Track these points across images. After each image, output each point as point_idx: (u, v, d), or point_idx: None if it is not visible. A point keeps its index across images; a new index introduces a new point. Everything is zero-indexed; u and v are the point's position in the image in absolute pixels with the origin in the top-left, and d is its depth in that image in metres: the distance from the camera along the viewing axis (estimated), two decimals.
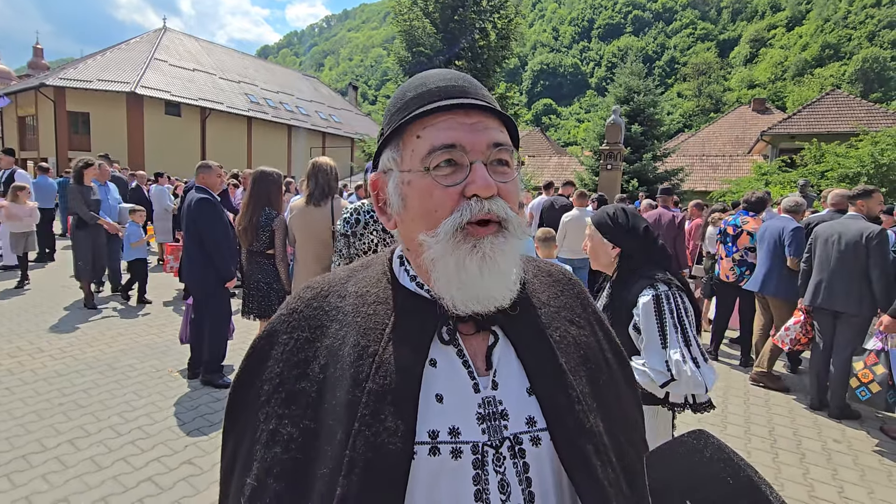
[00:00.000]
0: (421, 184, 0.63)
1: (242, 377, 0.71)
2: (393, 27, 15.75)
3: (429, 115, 0.63)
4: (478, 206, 0.61)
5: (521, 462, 0.62)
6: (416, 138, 0.64)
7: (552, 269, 0.82)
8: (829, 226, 4.05)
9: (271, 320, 0.72)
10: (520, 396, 0.65)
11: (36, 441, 3.01)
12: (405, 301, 0.68)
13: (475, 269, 0.60)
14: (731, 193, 13.94)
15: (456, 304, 0.63)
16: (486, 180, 0.61)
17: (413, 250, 0.68)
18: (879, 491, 3.01)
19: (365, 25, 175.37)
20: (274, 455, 0.62)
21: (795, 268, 4.38)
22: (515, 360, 0.66)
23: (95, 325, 5.25)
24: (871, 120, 17.36)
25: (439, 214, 0.62)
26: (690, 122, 67.01)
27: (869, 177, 9.92)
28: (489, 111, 0.64)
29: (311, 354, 0.66)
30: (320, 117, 33.41)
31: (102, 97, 22.28)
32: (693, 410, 1.61)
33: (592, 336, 0.75)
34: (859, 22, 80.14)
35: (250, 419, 0.67)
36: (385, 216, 0.71)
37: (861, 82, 65.07)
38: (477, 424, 0.62)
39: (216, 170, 3.99)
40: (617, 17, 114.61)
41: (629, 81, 16.92)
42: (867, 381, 3.48)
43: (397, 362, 0.62)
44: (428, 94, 0.66)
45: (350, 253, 2.64)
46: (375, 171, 0.71)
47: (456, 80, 0.68)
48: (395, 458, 0.57)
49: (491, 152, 0.63)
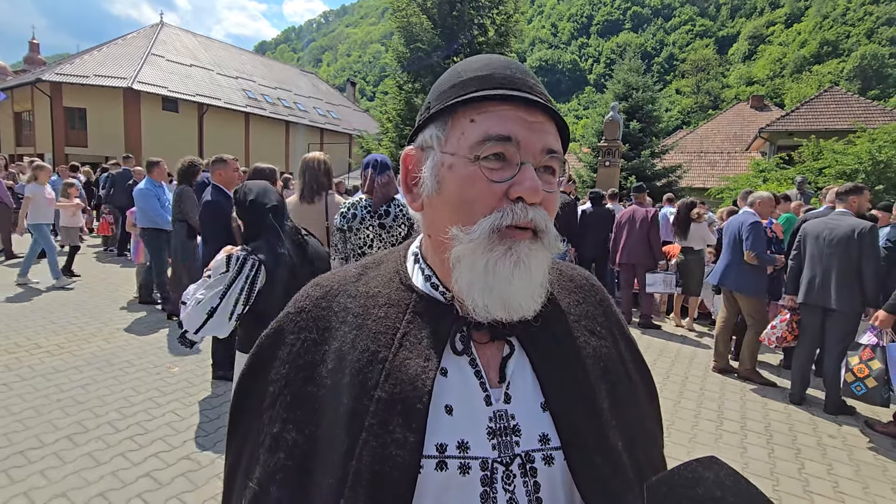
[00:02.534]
0: (465, 171, 0.58)
1: (248, 377, 0.69)
2: (391, 23, 15.73)
3: (489, 100, 0.59)
4: (522, 212, 0.57)
5: (531, 481, 0.59)
6: (469, 122, 0.59)
7: (574, 274, 0.78)
8: (819, 222, 4.06)
9: (278, 318, 0.70)
10: (533, 412, 0.61)
11: (34, 437, 3.01)
12: (418, 304, 0.65)
13: (506, 273, 0.57)
14: (729, 190, 13.96)
15: (477, 309, 0.59)
16: (535, 183, 0.57)
17: (434, 239, 0.63)
18: (874, 486, 3.03)
19: (363, 21, 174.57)
20: (277, 460, 0.60)
21: (752, 262, 4.42)
22: (530, 373, 0.63)
23: (93, 321, 5.25)
24: (869, 117, 17.35)
25: (476, 207, 0.58)
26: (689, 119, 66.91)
27: (866, 174, 9.93)
28: (550, 114, 0.61)
29: (319, 357, 0.64)
30: (318, 113, 33.30)
31: (99, 93, 22.17)
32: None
33: (614, 347, 0.71)
34: (858, 19, 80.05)
35: (254, 421, 0.66)
36: (411, 195, 0.66)
37: (859, 79, 65.03)
38: (487, 439, 0.59)
39: (232, 164, 3.88)
40: (616, 14, 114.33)
41: (628, 78, 16.90)
42: (863, 377, 3.50)
43: (408, 370, 0.59)
44: (491, 78, 0.61)
45: (346, 249, 2.64)
46: (412, 146, 0.67)
47: (522, 72, 0.63)
48: (401, 472, 0.55)
49: (543, 157, 0.59)
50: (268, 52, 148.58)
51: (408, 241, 0.74)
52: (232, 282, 1.85)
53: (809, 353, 4.14)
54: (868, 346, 3.54)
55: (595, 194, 6.95)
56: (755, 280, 4.50)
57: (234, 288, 1.86)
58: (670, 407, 3.95)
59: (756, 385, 4.56)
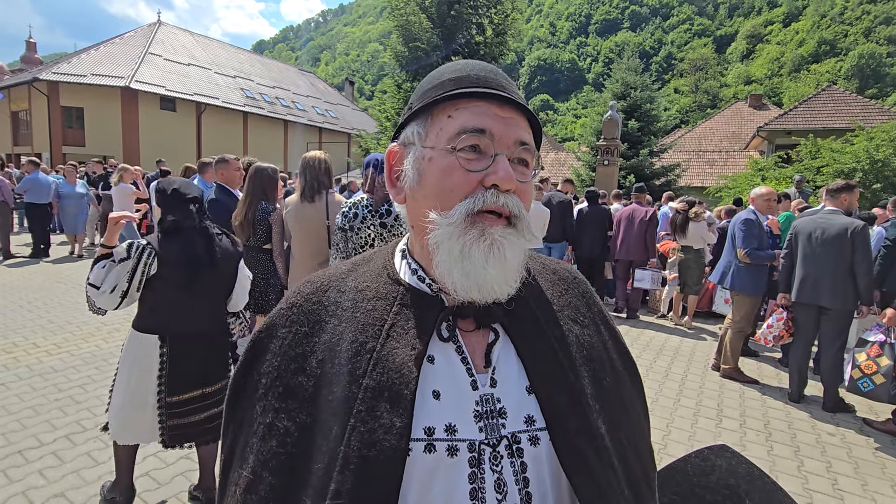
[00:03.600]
0: (443, 162, 0.63)
1: (242, 370, 0.71)
2: (389, 22, 15.70)
3: (465, 97, 0.64)
4: (493, 197, 0.61)
5: (518, 462, 0.61)
6: (446, 117, 0.64)
7: (557, 267, 0.81)
8: (810, 220, 4.06)
9: (271, 314, 0.72)
10: (519, 395, 0.64)
11: (32, 436, 3.00)
12: (405, 296, 0.67)
13: (481, 258, 0.60)
14: (728, 189, 13.98)
15: (457, 289, 0.62)
16: (508, 172, 0.61)
17: (418, 229, 0.67)
18: (873, 483, 3.04)
19: (361, 20, 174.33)
20: (270, 448, 0.62)
21: (744, 260, 4.41)
22: (515, 358, 0.65)
23: (91, 321, 5.23)
24: (867, 116, 17.39)
25: (454, 195, 0.62)
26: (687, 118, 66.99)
27: (864, 172, 9.94)
28: (521, 110, 0.65)
29: (309, 349, 0.66)
30: (317, 112, 33.28)
31: (97, 92, 22.13)
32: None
33: (597, 336, 0.74)
34: (855, 18, 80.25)
35: (248, 412, 0.67)
36: (395, 189, 0.70)
37: (857, 78, 65.21)
38: (474, 422, 0.61)
39: (234, 163, 3.98)
40: (614, 13, 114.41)
41: (626, 77, 16.91)
42: (870, 373, 3.49)
43: (395, 358, 0.62)
44: (467, 79, 0.66)
45: (348, 248, 2.63)
46: (395, 143, 0.71)
47: (495, 73, 0.68)
48: (389, 455, 0.57)
49: (516, 149, 0.64)
50: (266, 51, 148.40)
51: (396, 240, 0.78)
52: (133, 268, 2.08)
53: (806, 351, 4.15)
54: (876, 342, 3.53)
55: (591, 193, 6.92)
56: (755, 279, 4.49)
57: (125, 269, 2.09)
58: (670, 405, 3.95)
59: (756, 384, 4.57)
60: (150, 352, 2.16)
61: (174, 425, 2.20)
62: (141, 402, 2.16)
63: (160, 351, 2.16)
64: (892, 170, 9.87)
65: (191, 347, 2.22)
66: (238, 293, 2.42)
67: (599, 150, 11.24)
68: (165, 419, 2.18)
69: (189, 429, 2.24)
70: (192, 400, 2.23)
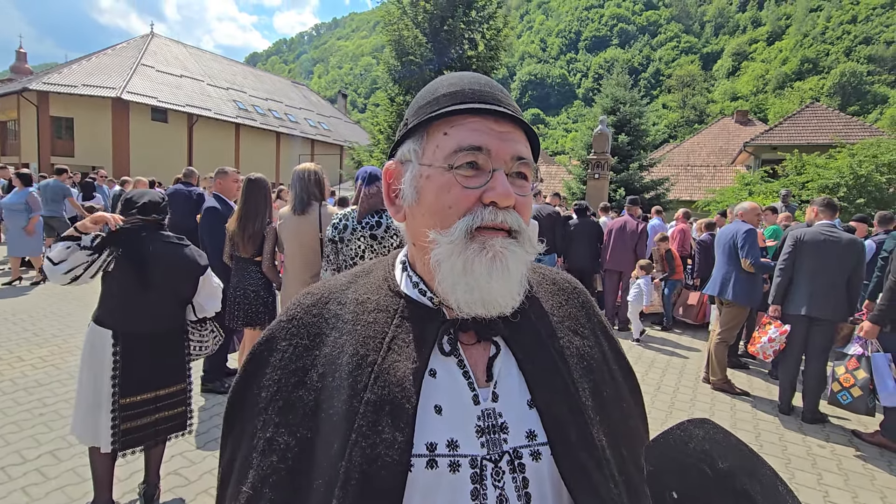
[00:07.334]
0: (440, 180, 0.62)
1: (241, 383, 0.70)
2: (382, 36, 15.82)
3: (460, 114, 0.63)
4: (492, 214, 0.60)
5: (520, 477, 0.60)
6: (442, 135, 0.63)
7: (557, 278, 0.80)
8: (817, 233, 4.10)
9: (270, 326, 0.71)
10: (520, 409, 0.63)
11: (15, 452, 2.93)
12: (406, 309, 0.67)
13: (484, 271, 0.59)
14: (716, 203, 14.19)
15: (461, 306, 0.61)
16: (506, 188, 0.60)
17: (419, 246, 0.66)
18: (863, 495, 3.06)
19: (354, 34, 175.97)
20: (270, 463, 0.61)
21: (749, 270, 4.46)
22: (517, 372, 0.65)
23: (76, 335, 5.14)
24: (849, 132, 17.83)
25: (453, 212, 0.61)
26: (675, 133, 68.14)
27: (848, 188, 10.15)
28: (518, 124, 0.65)
29: (310, 362, 0.65)
30: (309, 125, 33.34)
31: (87, 102, 21.98)
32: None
33: (597, 347, 0.74)
34: (836, 37, 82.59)
35: (247, 426, 0.66)
36: (394, 207, 0.70)
37: (839, 95, 66.89)
38: (476, 437, 0.60)
39: (233, 175, 4.09)
40: (603, 30, 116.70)
41: (615, 92, 17.18)
42: (848, 386, 3.55)
43: (396, 372, 0.61)
44: (461, 94, 0.65)
45: (338, 259, 2.63)
46: (392, 161, 0.70)
47: (490, 86, 0.67)
48: (391, 471, 0.56)
49: (514, 164, 0.63)
50: (259, 63, 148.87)
51: (396, 251, 0.77)
52: (93, 262, 2.18)
53: (797, 362, 4.19)
54: (854, 356, 3.60)
55: (580, 206, 6.96)
56: (752, 289, 4.52)
57: (85, 258, 2.18)
58: (662, 417, 3.96)
59: (748, 397, 4.60)
60: (105, 348, 2.22)
61: (127, 429, 2.22)
62: (96, 401, 2.21)
63: (113, 349, 2.21)
64: (875, 185, 10.08)
65: (143, 347, 2.27)
66: (203, 300, 2.46)
67: (590, 164, 11.37)
68: (119, 422, 2.20)
69: (140, 432, 2.27)
70: (145, 402, 2.28)
